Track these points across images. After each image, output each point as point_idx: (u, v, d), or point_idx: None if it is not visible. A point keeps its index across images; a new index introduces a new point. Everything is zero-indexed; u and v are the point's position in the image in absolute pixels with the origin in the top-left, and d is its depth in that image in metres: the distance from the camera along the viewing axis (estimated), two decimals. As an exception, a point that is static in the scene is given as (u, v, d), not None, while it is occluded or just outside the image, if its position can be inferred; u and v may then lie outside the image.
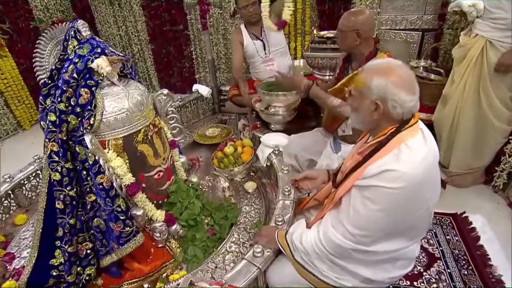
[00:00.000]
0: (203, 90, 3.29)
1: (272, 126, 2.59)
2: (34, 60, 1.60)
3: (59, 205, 1.50)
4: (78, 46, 1.51)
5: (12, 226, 2.06)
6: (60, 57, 1.53)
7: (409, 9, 3.18)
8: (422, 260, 1.95)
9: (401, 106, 1.12)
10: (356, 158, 1.27)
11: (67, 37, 1.53)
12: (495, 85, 2.12)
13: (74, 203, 1.54)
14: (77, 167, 1.53)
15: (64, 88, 1.44)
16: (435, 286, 1.81)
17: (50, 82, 1.51)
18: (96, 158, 1.47)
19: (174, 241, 1.79)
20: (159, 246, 1.74)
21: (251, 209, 2.03)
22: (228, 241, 1.79)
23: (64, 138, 1.48)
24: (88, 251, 1.61)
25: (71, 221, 1.53)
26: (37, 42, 1.61)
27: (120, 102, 1.55)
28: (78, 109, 1.46)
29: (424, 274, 1.87)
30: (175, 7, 4.25)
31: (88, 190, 1.55)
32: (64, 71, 1.46)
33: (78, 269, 1.59)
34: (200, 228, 1.86)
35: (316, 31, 2.82)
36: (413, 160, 1.09)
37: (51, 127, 1.45)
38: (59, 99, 1.44)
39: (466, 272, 1.87)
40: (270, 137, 2.36)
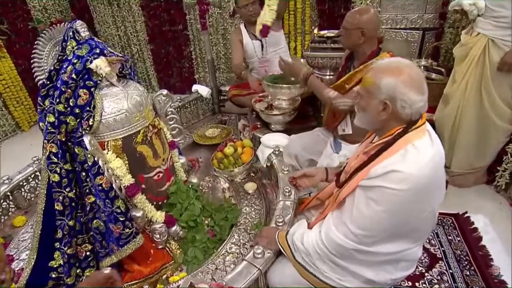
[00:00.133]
0: (203, 90, 3.29)
1: (272, 126, 2.58)
2: (33, 61, 1.60)
3: (58, 206, 1.50)
4: (76, 47, 1.50)
5: (11, 228, 2.06)
6: (59, 57, 1.53)
7: (409, 8, 3.18)
8: (424, 260, 1.94)
9: (410, 106, 1.11)
10: (361, 158, 1.26)
11: (65, 37, 1.52)
12: (497, 84, 2.11)
13: (73, 204, 1.54)
14: (76, 169, 1.53)
15: (63, 89, 1.43)
16: (437, 287, 1.80)
17: (48, 83, 1.51)
18: (95, 159, 1.46)
19: (174, 242, 1.78)
20: (159, 247, 1.73)
21: (252, 210, 2.02)
22: (229, 242, 1.79)
23: (63, 139, 1.48)
24: (88, 253, 1.61)
25: (70, 222, 1.53)
26: (35, 43, 1.61)
27: (119, 103, 1.54)
28: (77, 110, 1.45)
29: (426, 275, 1.86)
30: (174, 7, 4.25)
31: (87, 191, 1.55)
32: (63, 72, 1.46)
33: (78, 271, 1.59)
34: (200, 229, 1.85)
35: (316, 31, 2.80)
36: (420, 161, 1.08)
37: (50, 128, 1.45)
38: (57, 100, 1.43)
39: (468, 273, 1.86)
40: (270, 137, 2.36)
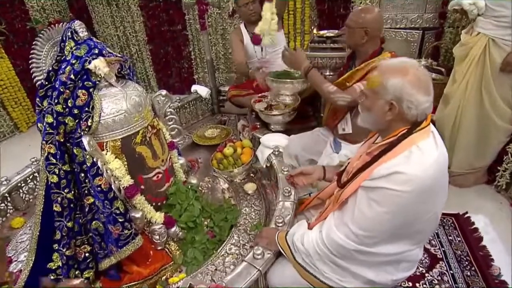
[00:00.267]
0: (202, 90, 3.28)
1: (272, 127, 2.58)
2: (31, 62, 1.60)
3: (57, 207, 1.50)
4: (75, 47, 1.50)
5: (9, 230, 2.04)
6: (57, 58, 1.53)
7: (409, 7, 3.17)
8: (424, 261, 1.93)
9: (416, 107, 1.10)
10: (364, 158, 1.25)
11: (64, 38, 1.52)
12: (498, 84, 2.10)
13: (72, 205, 1.53)
14: (74, 169, 1.53)
15: (61, 90, 1.43)
16: (437, 287, 1.79)
17: (47, 83, 1.51)
18: (94, 160, 1.46)
19: (173, 243, 1.78)
20: (158, 248, 1.73)
21: (251, 210, 2.02)
22: (228, 243, 1.78)
23: (62, 140, 1.47)
24: (87, 254, 1.60)
25: (69, 224, 1.52)
26: (33, 43, 1.60)
27: (118, 104, 1.54)
28: (75, 110, 1.45)
29: (426, 275, 1.85)
30: (173, 7, 4.23)
31: (86, 192, 1.54)
32: (61, 72, 1.45)
33: (76, 272, 1.58)
34: (200, 230, 1.85)
35: (316, 31, 2.80)
36: (424, 163, 1.07)
37: (48, 129, 1.44)
38: (56, 101, 1.43)
39: (469, 273, 1.85)
40: (270, 137, 2.35)
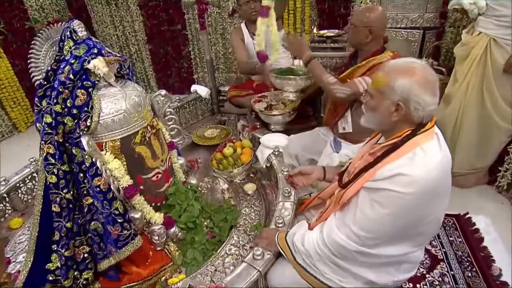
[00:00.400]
0: (202, 90, 3.27)
1: (272, 127, 2.57)
2: (30, 61, 1.59)
3: (56, 208, 1.49)
4: (74, 47, 1.49)
5: (8, 230, 2.03)
6: (56, 58, 1.52)
7: (410, 7, 3.16)
8: (425, 262, 1.92)
9: (423, 108, 1.09)
10: (366, 158, 1.24)
11: (63, 37, 1.51)
12: (499, 84, 2.10)
13: (71, 206, 1.52)
14: (73, 170, 1.52)
15: (60, 90, 1.42)
16: (438, 288, 1.79)
17: (45, 83, 1.49)
18: (93, 160, 1.45)
19: (173, 244, 1.77)
20: (158, 249, 1.72)
21: (251, 211, 2.01)
22: (228, 243, 1.77)
23: (61, 140, 1.46)
24: (85, 255, 1.59)
25: (68, 224, 1.51)
26: (32, 42, 1.59)
27: (117, 103, 1.53)
28: (74, 110, 1.44)
29: (427, 276, 1.85)
30: (172, 7, 4.23)
31: (85, 192, 1.53)
32: (60, 72, 1.44)
33: (75, 273, 1.57)
34: (199, 231, 1.84)
35: (316, 30, 2.79)
36: (428, 165, 1.07)
37: (47, 129, 1.43)
38: (55, 101, 1.42)
39: (470, 274, 1.84)
40: (270, 137, 2.34)
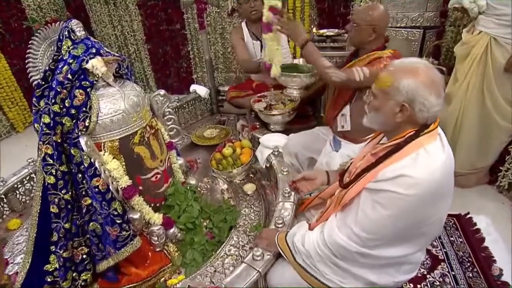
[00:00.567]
0: (201, 90, 3.26)
1: (272, 127, 2.56)
2: (27, 61, 1.57)
3: (54, 209, 1.48)
4: (72, 47, 1.48)
5: (5, 231, 2.02)
6: (54, 57, 1.51)
7: (410, 6, 3.15)
8: (425, 262, 1.91)
9: (428, 110, 1.08)
10: (368, 159, 1.23)
11: (61, 37, 1.50)
12: (500, 83, 2.09)
13: (69, 207, 1.51)
14: (72, 170, 1.51)
15: (58, 90, 1.41)
16: (439, 289, 1.79)
17: (43, 83, 1.48)
18: (92, 160, 1.44)
19: (172, 244, 1.76)
20: (157, 250, 1.71)
21: (251, 211, 2.00)
22: (227, 244, 1.77)
23: (59, 141, 1.45)
24: (84, 256, 1.58)
25: (66, 225, 1.50)
26: (30, 42, 1.58)
27: (116, 104, 1.52)
28: (73, 110, 1.43)
29: (428, 276, 1.84)
30: (171, 6, 4.22)
31: (83, 193, 1.52)
32: (58, 72, 1.43)
33: (74, 274, 1.56)
34: (199, 231, 1.83)
35: (316, 30, 2.79)
36: (431, 166, 1.06)
37: (45, 129, 1.42)
38: (53, 101, 1.41)
39: (471, 275, 1.83)
40: (270, 137, 2.34)
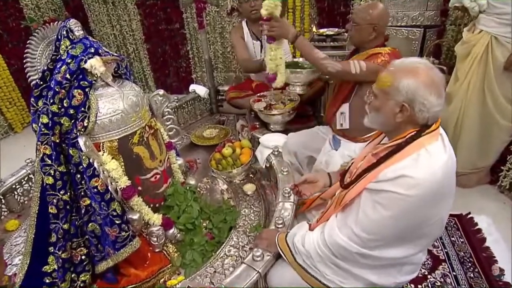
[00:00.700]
0: (200, 90, 3.26)
1: (271, 127, 2.55)
2: (25, 61, 1.56)
3: (52, 209, 1.47)
4: (70, 46, 1.47)
5: (4, 232, 2.01)
6: (52, 57, 1.50)
7: (410, 5, 3.15)
8: (426, 262, 1.91)
9: (428, 110, 1.07)
10: (369, 159, 1.22)
11: (59, 36, 1.49)
12: (500, 82, 2.09)
13: (68, 207, 1.50)
14: (70, 171, 1.50)
15: (57, 89, 1.40)
16: (440, 289, 1.78)
17: (42, 83, 1.47)
18: (91, 161, 1.43)
19: (171, 245, 1.75)
20: (156, 250, 1.70)
21: (251, 211, 1.99)
22: (227, 244, 1.76)
23: (57, 141, 1.45)
24: (83, 257, 1.58)
25: (65, 226, 1.49)
26: (28, 42, 1.57)
27: (114, 103, 1.51)
28: (71, 110, 1.42)
29: (428, 277, 1.84)
30: (170, 6, 4.22)
31: (82, 194, 1.52)
32: (57, 71, 1.43)
33: (73, 275, 1.56)
34: (198, 232, 1.82)
35: (316, 29, 2.78)
36: (432, 166, 1.05)
37: (43, 129, 1.41)
38: (51, 101, 1.40)
39: (472, 275, 1.83)
40: (269, 137, 2.33)
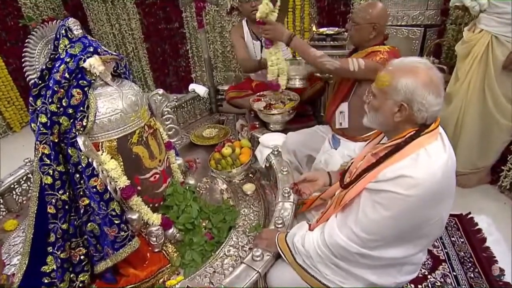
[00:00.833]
0: (200, 89, 3.25)
1: (271, 126, 2.55)
2: (24, 60, 1.56)
3: (51, 209, 1.46)
4: (69, 45, 1.46)
5: (2, 232, 2.00)
6: (51, 56, 1.49)
7: (410, 4, 3.15)
8: (426, 262, 1.91)
9: (426, 110, 1.07)
10: (368, 159, 1.22)
11: (58, 35, 1.48)
12: (501, 82, 2.09)
13: (67, 207, 1.50)
14: (69, 170, 1.49)
15: (56, 89, 1.40)
16: (440, 289, 1.78)
17: (40, 82, 1.47)
18: (90, 160, 1.43)
19: (170, 245, 1.74)
20: (156, 250, 1.70)
21: (250, 211, 1.99)
22: (227, 244, 1.75)
23: (56, 140, 1.44)
24: (82, 257, 1.57)
25: (64, 226, 1.49)
26: (26, 41, 1.56)
27: (113, 103, 1.51)
28: (70, 110, 1.41)
29: (429, 277, 1.84)
30: (170, 5, 4.22)
31: (81, 193, 1.51)
32: (55, 71, 1.42)
33: (71, 276, 1.55)
34: (198, 232, 1.82)
35: (315, 28, 2.77)
36: (432, 166, 1.05)
37: (42, 129, 1.41)
38: (50, 100, 1.39)
39: (472, 275, 1.83)
40: (269, 137, 2.32)
